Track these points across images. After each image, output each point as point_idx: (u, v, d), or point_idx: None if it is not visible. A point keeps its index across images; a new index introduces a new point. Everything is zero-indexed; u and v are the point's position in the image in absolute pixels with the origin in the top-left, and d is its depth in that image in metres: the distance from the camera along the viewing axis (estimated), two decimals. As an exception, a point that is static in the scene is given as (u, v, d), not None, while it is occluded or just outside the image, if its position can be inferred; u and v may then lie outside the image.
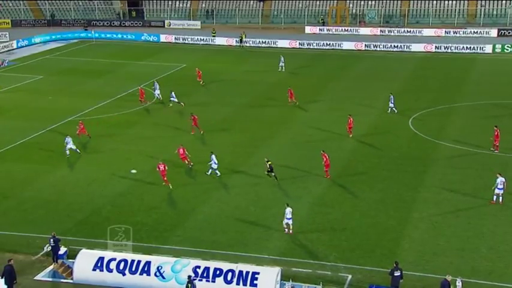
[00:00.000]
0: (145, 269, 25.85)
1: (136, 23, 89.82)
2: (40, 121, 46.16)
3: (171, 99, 50.41)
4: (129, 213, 32.40)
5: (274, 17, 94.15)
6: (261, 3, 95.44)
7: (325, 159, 36.69)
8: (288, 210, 30.34)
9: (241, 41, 77.61)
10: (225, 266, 25.88)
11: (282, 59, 64.26)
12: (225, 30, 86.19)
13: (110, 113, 48.89)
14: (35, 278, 26.34)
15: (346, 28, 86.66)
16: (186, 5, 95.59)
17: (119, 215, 32.23)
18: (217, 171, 36.92)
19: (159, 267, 25.81)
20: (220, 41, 79.38)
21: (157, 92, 52.92)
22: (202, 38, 79.67)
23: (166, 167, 35.42)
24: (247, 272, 25.46)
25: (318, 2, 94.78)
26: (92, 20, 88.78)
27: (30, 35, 77.65)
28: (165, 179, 35.37)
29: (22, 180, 36.01)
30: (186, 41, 79.47)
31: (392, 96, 49.18)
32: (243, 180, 36.87)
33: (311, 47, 76.57)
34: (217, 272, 25.58)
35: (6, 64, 64.55)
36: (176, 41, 79.82)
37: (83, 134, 41.88)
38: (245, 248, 28.91)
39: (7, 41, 74.72)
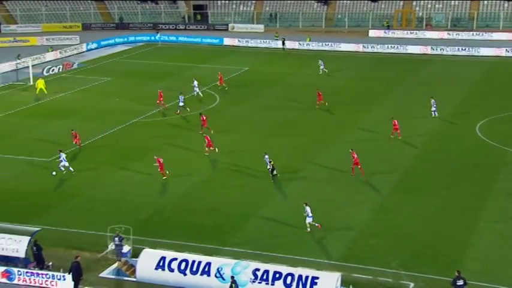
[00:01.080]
0: (206, 269, 26.11)
1: (200, 27, 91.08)
2: (106, 122, 47.40)
3: (180, 104, 49.65)
4: (189, 214, 32.84)
5: (338, 20, 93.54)
6: (325, 6, 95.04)
7: (354, 157, 36.80)
8: (308, 209, 30.62)
9: (283, 43, 77.94)
10: (284, 269, 25.84)
11: (321, 62, 63.65)
12: (288, 33, 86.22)
13: (172, 115, 49.68)
14: (100, 275, 26.98)
15: (412, 31, 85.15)
16: (250, 8, 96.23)
17: (180, 215, 32.72)
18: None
19: (219, 269, 26.03)
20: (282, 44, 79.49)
21: (196, 89, 54.15)
22: (265, 40, 80.00)
23: (161, 161, 36.65)
24: (307, 277, 25.33)
25: (383, 5, 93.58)
26: (158, 23, 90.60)
27: (99, 38, 79.96)
28: (162, 171, 36.51)
29: (89, 180, 37.07)
30: (249, 44, 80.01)
31: (433, 100, 48.25)
32: (303, 184, 36.77)
33: (375, 50, 75.67)
34: (277, 275, 25.57)
35: (76, 66, 66.64)
36: (239, 44, 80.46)
37: (77, 144, 40.59)
38: (304, 252, 28.79)
39: (77, 44, 77.19)
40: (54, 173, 36.96)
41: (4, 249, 27.05)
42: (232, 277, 25.45)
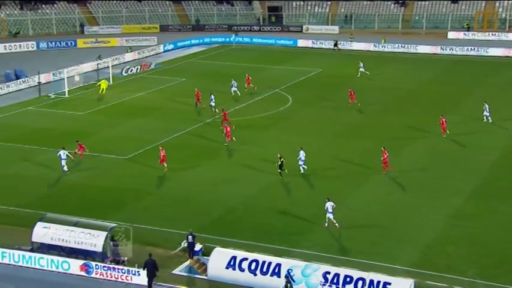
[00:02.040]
0: (276, 270, 26.10)
1: (275, 28, 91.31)
2: (180, 122, 48.24)
3: (211, 103, 49.91)
4: (260, 215, 32.94)
5: (415, 22, 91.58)
6: (402, 7, 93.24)
7: (385, 156, 37.12)
8: (329, 204, 30.82)
9: (335, 45, 77.59)
10: (355, 273, 25.49)
11: (362, 64, 62.31)
12: (363, 35, 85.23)
13: (246, 115, 50.05)
14: (172, 272, 27.46)
15: (494, 33, 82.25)
16: (325, 9, 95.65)
17: (250, 216, 32.87)
18: (303, 166, 37.58)
19: (289, 270, 25.95)
20: (357, 46, 78.60)
21: (233, 89, 54.59)
22: (339, 42, 79.31)
23: (164, 152, 37.87)
24: (379, 282, 24.88)
25: (463, 6, 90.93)
26: (233, 25, 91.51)
27: (176, 39, 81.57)
28: (164, 163, 37.81)
29: (163, 178, 37.85)
30: (323, 46, 79.53)
31: (487, 105, 46.55)
32: (375, 188, 36.20)
33: (453, 52, 73.58)
34: (348, 279, 25.25)
35: (153, 67, 68.26)
36: (313, 45, 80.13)
37: (79, 153, 39.77)
38: (376, 257, 28.29)
39: (155, 45, 79.05)
40: (65, 168, 37.87)
41: (83, 244, 28.01)
42: (287, 276, 25.33)
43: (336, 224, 30.75)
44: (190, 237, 28.35)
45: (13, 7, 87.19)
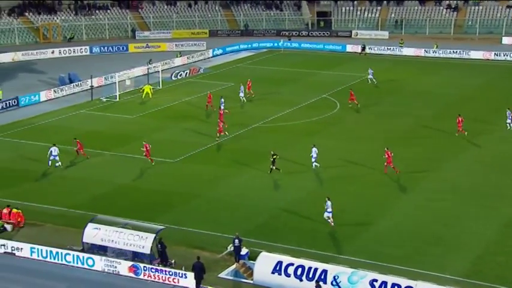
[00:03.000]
0: (322, 277, 25.95)
1: (323, 33, 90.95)
2: (229, 126, 48.38)
3: (221, 106, 50.34)
4: (306, 220, 32.83)
5: (468, 27, 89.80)
6: (455, 12, 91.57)
7: (387, 156, 37.64)
8: (329, 203, 31.46)
9: (363, 49, 77.46)
10: (403, 282, 25.11)
11: (371, 71, 61.48)
12: (413, 40, 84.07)
13: (293, 120, 50.01)
14: (218, 275, 27.63)
15: (550, 39, 79.96)
16: (375, 14, 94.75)
17: (296, 221, 32.79)
18: (315, 164, 38.60)
19: (336, 277, 25.78)
20: (407, 51, 77.61)
21: (241, 94, 54.63)
22: (389, 47, 78.52)
23: (149, 147, 40.25)
24: (426, 291, 24.47)
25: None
26: (282, 30, 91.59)
27: (225, 44, 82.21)
28: (149, 156, 40.13)
29: (210, 181, 38.15)
30: (372, 51, 78.81)
31: (509, 112, 45.53)
32: (424, 195, 35.65)
33: (508, 58, 71.82)
34: (395, 288, 24.93)
35: (202, 72, 68.91)
36: (362, 50, 79.46)
37: (80, 152, 41.26)
38: (424, 265, 27.83)
39: (204, 50, 79.85)
40: (58, 164, 39.67)
41: (131, 245, 28.50)
42: (318, 281, 25.16)
43: (332, 223, 31.53)
44: (236, 241, 28.48)
45: (68, 13, 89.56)
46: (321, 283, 25.34)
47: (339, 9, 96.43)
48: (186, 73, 66.94)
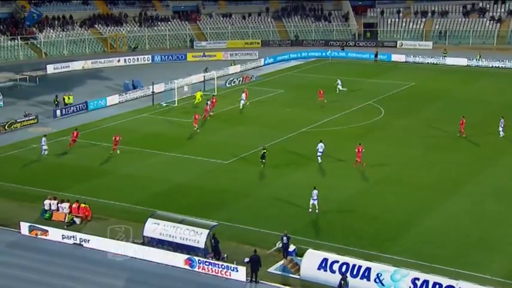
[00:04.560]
0: (366, 274, 25.55)
1: (369, 43, 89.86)
2: (278, 130, 48.42)
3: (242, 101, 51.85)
4: (351, 220, 32.41)
5: (511, 38, 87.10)
6: (498, 24, 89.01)
7: (357, 151, 38.54)
8: (315, 192, 32.31)
9: (376, 55, 77.36)
10: (444, 281, 24.45)
11: (339, 82, 60.09)
12: (456, 50, 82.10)
13: (339, 125, 49.51)
14: (268, 270, 27.52)
15: None
16: (420, 26, 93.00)
17: (342, 220, 32.42)
18: (319, 157, 39.47)
19: (379, 274, 25.32)
20: (450, 61, 75.85)
21: (242, 101, 54.46)
22: (432, 57, 76.94)
23: (119, 139, 41.97)
24: (468, 291, 23.74)
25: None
26: (330, 41, 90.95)
27: (276, 53, 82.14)
28: (115, 147, 41.84)
29: (261, 181, 38.10)
30: (417, 61, 77.37)
31: (502, 120, 44.42)
32: (466, 198, 34.72)
33: (548, 67, 69.43)
34: (437, 287, 24.26)
35: (254, 79, 68.97)
36: (407, 59, 78.15)
37: (73, 144, 43.05)
38: (466, 266, 27.03)
39: (256, 59, 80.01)
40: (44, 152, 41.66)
41: (187, 240, 28.71)
42: (343, 273, 24.96)
43: (317, 211, 32.42)
44: (285, 238, 28.32)
45: (133, 24, 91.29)
46: (348, 276, 24.99)
47: (384, 21, 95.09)
48: (239, 80, 67.16)
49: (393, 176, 38.57)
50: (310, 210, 32.93)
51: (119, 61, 78.35)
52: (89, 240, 29.97)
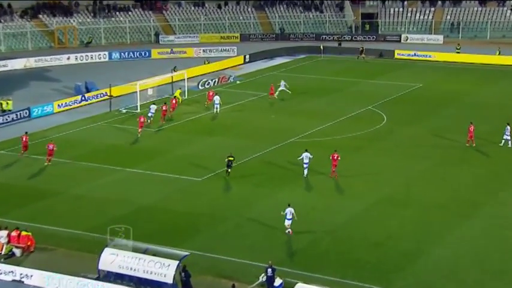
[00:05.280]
0: (366, 312, 25.63)
1: (368, 37, 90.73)
2: (261, 141, 48.57)
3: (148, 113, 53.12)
4: (350, 247, 32.55)
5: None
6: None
7: (334, 158, 40.24)
8: (289, 210, 33.13)
9: (361, 52, 77.96)
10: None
11: (283, 83, 61.02)
12: (471, 45, 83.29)
13: (334, 135, 49.85)
14: (249, 308, 27.58)
15: None
16: (428, 17, 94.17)
17: (338, 248, 32.54)
18: (306, 170, 40.93)
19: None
20: (464, 58, 76.92)
21: (217, 105, 55.70)
22: (443, 54, 77.82)
23: (55, 148, 43.27)
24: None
25: None
26: (321, 34, 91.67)
27: (258, 49, 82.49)
28: (49, 158, 43.12)
29: (241, 202, 38.15)
30: (425, 58, 78.28)
31: (508, 127, 45.43)
32: (485, 221, 35.10)
33: None
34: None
35: (232, 80, 69.27)
36: (413, 57, 79.04)
37: (24, 150, 44.91)
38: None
39: (235, 56, 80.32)
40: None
41: (152, 273, 28.56)
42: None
43: (289, 231, 33.28)
44: (269, 270, 28.37)
45: (86, 15, 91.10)
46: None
47: (386, 11, 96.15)
48: (215, 81, 67.38)
49: (397, 194, 38.84)
50: (288, 231, 33.43)
51: (68, 59, 78.21)
52: (31, 276, 29.68)
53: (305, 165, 41.22)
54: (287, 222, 33.42)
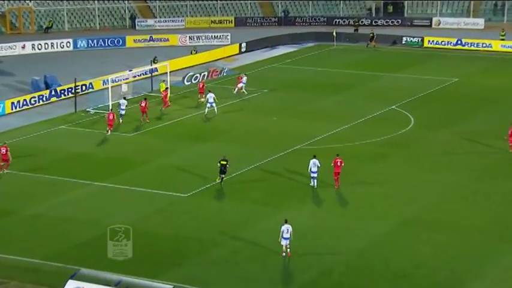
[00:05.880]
0: None
1: (392, 22, 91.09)
2: (261, 148, 48.67)
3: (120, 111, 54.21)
4: (368, 279, 32.57)
5: None
6: None
7: (334, 165, 40.96)
8: (285, 227, 33.23)
9: (371, 39, 78.99)
10: None
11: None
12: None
13: (349, 141, 49.96)
14: None
15: None
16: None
17: (354, 280, 32.61)
18: (314, 182, 41.58)
19: None
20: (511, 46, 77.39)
21: (209, 105, 55.72)
22: (484, 41, 78.17)
23: (9, 153, 43.92)
24: None
25: None
26: (334, 18, 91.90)
27: (257, 36, 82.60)
28: (2, 164, 43.64)
29: (236, 224, 38.08)
30: (461, 46, 78.55)
31: None
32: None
33: None
34: None
35: (225, 73, 69.38)
36: (446, 45, 79.33)
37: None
38: None
39: (228, 44, 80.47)
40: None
41: (127, 310, 28.62)
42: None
43: (287, 253, 33.59)
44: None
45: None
46: None
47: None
48: (204, 76, 67.53)
49: (427, 215, 38.85)
50: (283, 254, 33.60)
51: (24, 47, 78.36)
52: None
53: (313, 175, 41.49)
54: (284, 242, 33.59)
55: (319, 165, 41.38)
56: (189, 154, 48.55)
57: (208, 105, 55.92)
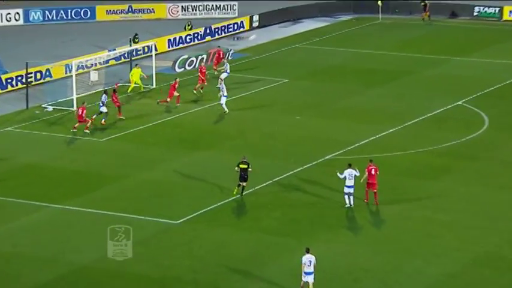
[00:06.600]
0: None
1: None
2: (279, 158, 48.94)
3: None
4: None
5: None
6: None
7: (367, 173, 41.96)
8: (307, 259, 33.52)
9: (425, 8, 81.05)
10: None
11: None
12: None
13: (399, 150, 50.14)
14: None
15: None
16: None
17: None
18: (348, 198, 42.14)
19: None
20: None
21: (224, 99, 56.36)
22: None
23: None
24: None
25: None
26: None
27: (271, 7, 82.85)
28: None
29: (244, 260, 38.11)
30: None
31: None
32: None
33: None
34: None
35: (231, 58, 69.25)
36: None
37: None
38: None
39: (235, 17, 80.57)
40: None
41: None
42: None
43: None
44: None
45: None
46: None
47: None
48: (202, 60, 67.61)
49: (507, 250, 38.94)
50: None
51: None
52: None
53: (348, 190, 41.69)
54: (306, 279, 33.58)
55: (357, 175, 41.52)
56: (182, 166, 48.66)
57: (224, 98, 56.15)
